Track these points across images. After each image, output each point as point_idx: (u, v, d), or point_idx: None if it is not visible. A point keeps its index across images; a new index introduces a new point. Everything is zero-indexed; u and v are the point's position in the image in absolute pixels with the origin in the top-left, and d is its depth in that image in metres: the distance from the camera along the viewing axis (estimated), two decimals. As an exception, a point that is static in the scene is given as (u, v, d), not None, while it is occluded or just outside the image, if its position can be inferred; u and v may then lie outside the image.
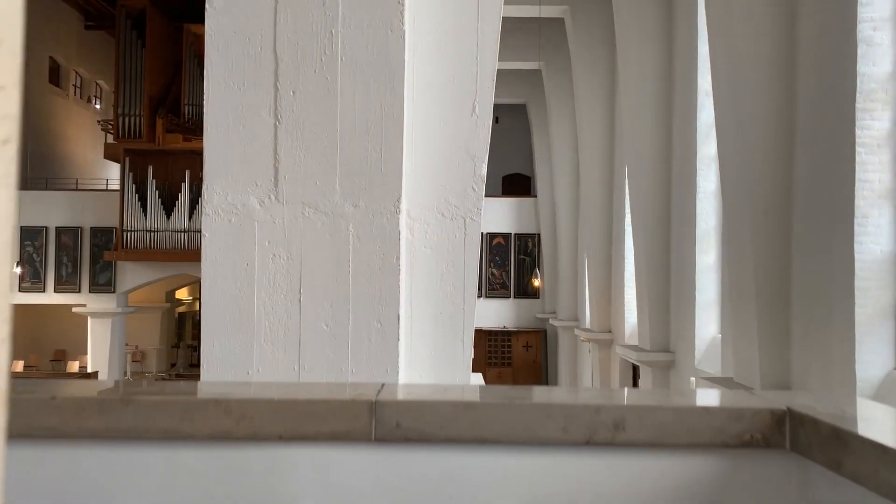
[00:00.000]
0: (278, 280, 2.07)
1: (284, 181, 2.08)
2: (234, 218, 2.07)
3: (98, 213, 18.41)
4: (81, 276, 18.36)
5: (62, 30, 23.54)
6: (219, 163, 2.08)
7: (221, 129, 2.09)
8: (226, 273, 2.08)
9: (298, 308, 2.08)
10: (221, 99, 2.10)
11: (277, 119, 2.09)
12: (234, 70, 2.09)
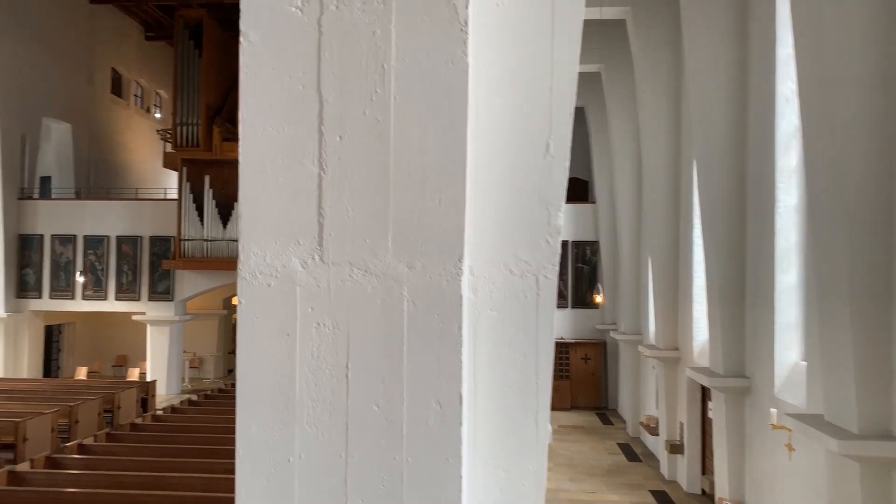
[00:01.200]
0: (322, 353, 1.77)
1: (330, 239, 1.77)
2: (274, 282, 1.78)
3: (157, 222, 18.75)
4: (141, 285, 18.72)
5: (124, 41, 24.15)
6: (256, 219, 1.78)
7: (258, 181, 1.79)
8: (264, 345, 1.79)
9: (345, 385, 1.78)
10: (258, 145, 1.80)
11: (322, 168, 1.78)
12: (273, 112, 1.79)
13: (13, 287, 18.51)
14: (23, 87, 18.75)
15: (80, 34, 21.20)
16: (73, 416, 12.41)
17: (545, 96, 1.81)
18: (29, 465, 8.35)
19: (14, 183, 18.58)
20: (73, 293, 18.77)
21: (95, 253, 18.74)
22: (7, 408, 12.56)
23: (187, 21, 20.56)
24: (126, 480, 7.78)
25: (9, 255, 18.35)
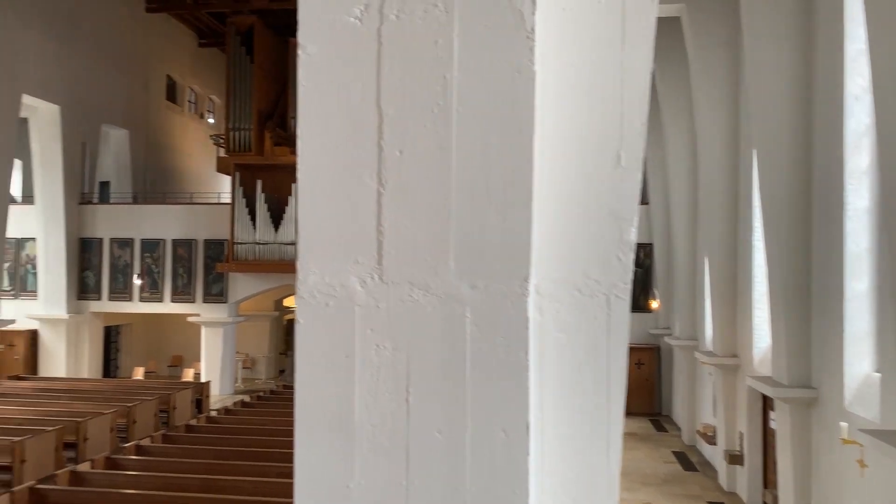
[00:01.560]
0: (382, 375, 1.69)
1: (389, 257, 1.68)
2: (332, 301, 1.71)
3: (211, 225, 19.13)
4: (196, 287, 19.12)
5: (178, 49, 24.74)
6: (314, 237, 1.71)
7: (317, 198, 1.71)
8: (322, 366, 1.72)
9: (406, 410, 1.69)
10: (316, 161, 1.73)
11: (381, 184, 1.70)
12: (331, 127, 1.72)
13: (74, 289, 19.13)
14: (83, 96, 19.37)
15: (136, 43, 21.79)
16: (130, 417, 12.72)
17: (615, 105, 1.71)
18: (90, 465, 8.56)
19: (75, 188, 19.21)
20: (130, 295, 19.30)
21: (152, 256, 19.23)
22: (70, 407, 12.95)
23: (238, 27, 20.95)
24: (181, 483, 7.91)
25: (70, 259, 18.98)
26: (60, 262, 18.78)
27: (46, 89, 17.84)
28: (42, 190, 18.57)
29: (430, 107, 1.64)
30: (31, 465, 10.01)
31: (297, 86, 1.70)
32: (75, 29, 19.04)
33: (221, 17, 23.07)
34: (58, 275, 18.75)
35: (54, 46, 18.20)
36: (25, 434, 10.44)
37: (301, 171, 1.71)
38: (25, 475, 9.89)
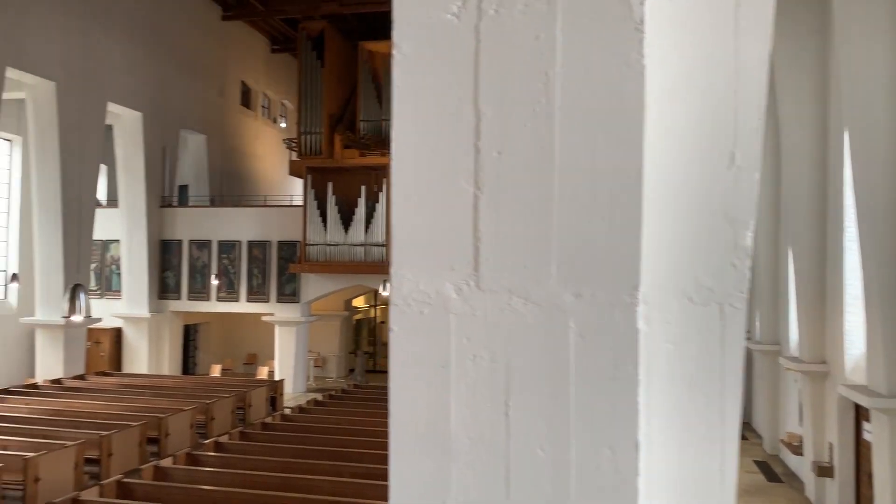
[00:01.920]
0: (480, 387, 1.60)
1: (486, 264, 1.59)
2: (427, 309, 1.63)
3: (284, 227, 19.55)
4: (269, 287, 19.58)
5: (252, 55, 25.41)
6: (408, 242, 1.64)
7: (411, 202, 1.63)
8: (417, 376, 1.64)
9: (505, 424, 1.60)
10: (411, 165, 1.65)
11: (478, 187, 1.61)
12: (427, 129, 1.64)
13: (156, 289, 19.89)
14: (163, 103, 20.12)
15: (212, 50, 22.50)
16: (209, 414, 13.10)
17: (729, 100, 1.58)
18: (172, 460, 8.84)
19: (157, 192, 19.97)
20: (208, 295, 19.93)
21: (228, 257, 19.80)
22: (153, 403, 13.44)
23: (309, 32, 21.35)
24: (259, 480, 8.06)
25: (152, 260, 19.75)
26: (142, 263, 19.57)
27: (129, 97, 18.61)
28: (125, 193, 19.38)
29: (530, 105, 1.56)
30: (117, 459, 10.42)
31: (392, 87, 1.65)
32: (156, 38, 19.79)
33: (293, 22, 23.57)
34: (140, 275, 19.54)
35: (137, 56, 18.97)
36: (112, 429, 10.88)
37: (395, 174, 1.65)
38: (112, 468, 10.31)
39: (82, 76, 17.03)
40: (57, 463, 9.23)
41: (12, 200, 20.33)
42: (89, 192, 17.73)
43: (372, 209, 17.83)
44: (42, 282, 16.79)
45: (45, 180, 16.51)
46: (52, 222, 16.58)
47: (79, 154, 17.01)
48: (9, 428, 10.96)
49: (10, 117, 17.79)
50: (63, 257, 16.69)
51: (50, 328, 16.69)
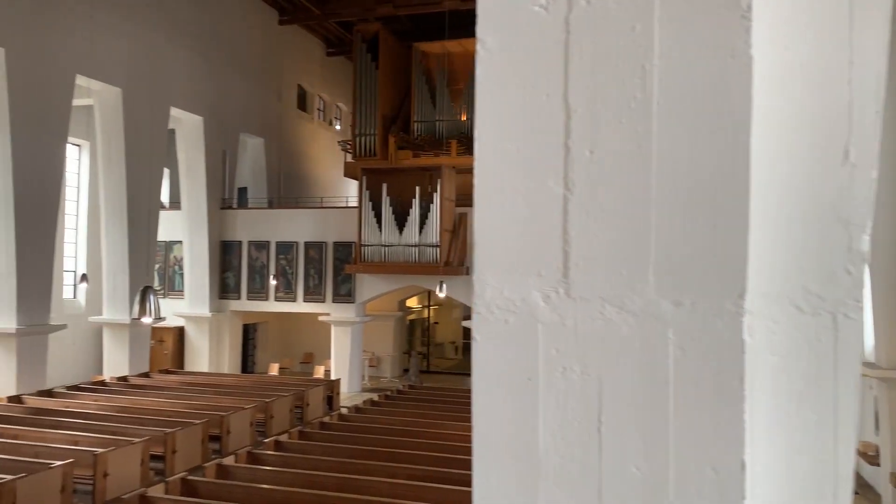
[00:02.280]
0: (570, 402, 1.49)
1: (577, 270, 1.49)
2: (512, 318, 1.54)
3: (339, 228, 19.74)
4: (325, 287, 19.80)
5: (307, 59, 25.77)
6: (492, 247, 1.54)
7: (495, 204, 1.54)
8: (502, 389, 1.54)
9: (598, 441, 1.48)
10: (495, 165, 1.55)
11: (568, 188, 1.50)
12: (513, 127, 1.54)
13: (216, 289, 20.34)
14: (223, 107, 20.57)
15: (270, 54, 22.89)
16: (268, 412, 13.30)
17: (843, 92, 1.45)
18: (234, 459, 8.98)
19: (217, 194, 20.42)
20: (266, 295, 20.28)
21: (286, 258, 20.11)
22: (214, 401, 13.73)
23: (364, 35, 21.53)
24: (319, 480, 8.11)
25: (213, 260, 20.21)
26: (204, 263, 20.04)
27: (191, 102, 19.08)
28: (188, 196, 19.89)
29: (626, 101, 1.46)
30: (180, 455, 10.67)
31: (475, 84, 1.56)
32: (216, 44, 20.25)
33: (348, 25, 23.80)
34: (202, 275, 20.02)
35: (198, 61, 19.44)
36: (175, 426, 11.14)
37: (478, 174, 1.57)
38: (176, 465, 10.55)
39: (146, 82, 17.54)
40: (124, 459, 9.49)
41: (81, 203, 21.11)
42: (153, 194, 18.26)
43: (426, 210, 17.85)
44: (109, 282, 17.36)
45: (112, 184, 17.07)
46: (119, 224, 17.12)
47: (143, 158, 17.53)
48: (79, 424, 11.34)
49: (79, 123, 18.46)
50: (129, 258, 17.22)
51: (117, 327, 17.25)
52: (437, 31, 23.26)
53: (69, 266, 20.58)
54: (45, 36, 14.70)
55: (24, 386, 14.23)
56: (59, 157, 15.37)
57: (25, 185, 14.33)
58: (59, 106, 15.12)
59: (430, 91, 21.42)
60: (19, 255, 14.23)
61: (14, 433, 10.66)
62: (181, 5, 18.65)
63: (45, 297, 15.01)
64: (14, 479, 7.86)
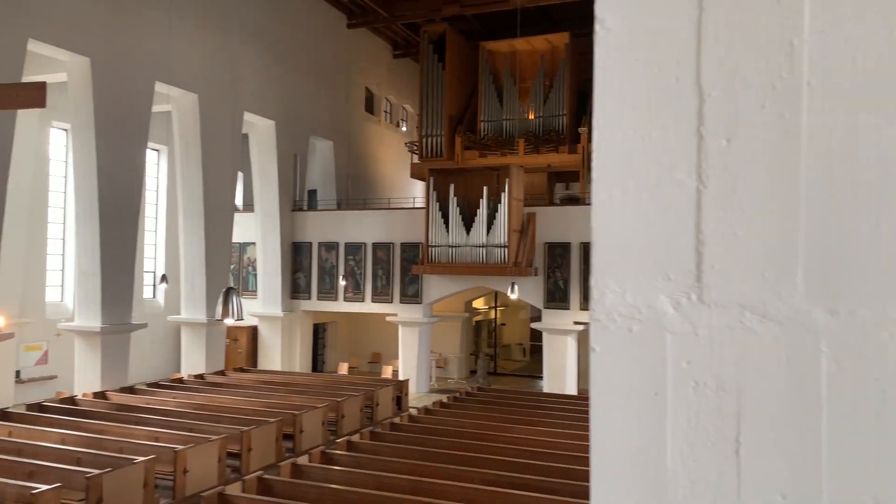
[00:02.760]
0: (703, 420, 1.32)
1: (712, 272, 1.31)
2: (637, 326, 1.37)
3: (406, 229, 19.81)
4: (393, 288, 19.90)
5: (375, 61, 26.00)
6: (613, 247, 1.37)
7: (616, 199, 1.37)
8: (623, 404, 1.37)
9: (736, 465, 1.31)
10: (617, 156, 1.38)
11: (701, 180, 1.33)
12: (636, 114, 1.37)
13: (288, 289, 20.73)
14: (294, 111, 20.94)
15: (339, 58, 23.20)
16: (339, 411, 13.42)
17: None
18: (308, 458, 9.06)
19: (289, 196, 20.82)
20: (335, 295, 20.54)
21: (354, 258, 20.32)
22: (286, 400, 13.95)
23: (431, 36, 21.55)
24: (389, 482, 8.07)
25: (285, 261, 20.61)
26: (276, 264, 20.45)
27: (264, 106, 19.50)
28: (260, 198, 20.34)
29: (769, 82, 1.29)
30: (255, 453, 10.85)
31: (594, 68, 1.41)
32: (287, 49, 20.64)
33: (414, 27, 23.90)
34: (274, 276, 20.44)
35: (270, 67, 19.86)
36: (250, 424, 11.35)
37: (597, 167, 1.42)
38: (251, 462, 10.74)
39: (222, 88, 18.02)
40: (203, 456, 9.71)
41: (160, 206, 21.89)
42: (228, 197, 18.75)
43: (494, 210, 17.70)
44: (187, 282, 17.91)
45: (190, 187, 17.61)
46: (196, 226, 17.64)
47: (219, 162, 18.02)
48: (159, 420, 11.70)
49: (157, 129, 19.12)
50: (205, 259, 17.73)
51: (194, 326, 17.77)
52: (504, 29, 23.08)
53: (149, 267, 21.36)
54: (126, 45, 15.26)
55: (107, 382, 14.81)
56: (140, 161, 15.94)
57: (109, 189, 14.91)
58: (139, 112, 15.68)
59: (496, 90, 21.27)
60: (103, 256, 14.82)
61: (99, 428, 11.07)
62: (254, 12, 19.08)
63: (128, 296, 15.58)
64: (101, 474, 8.13)
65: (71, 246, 18.22)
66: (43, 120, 17.53)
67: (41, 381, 17.52)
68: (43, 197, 18.10)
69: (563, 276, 17.95)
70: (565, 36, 20.43)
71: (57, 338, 17.35)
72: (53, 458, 9.24)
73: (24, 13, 13.03)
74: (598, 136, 1.41)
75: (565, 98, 20.13)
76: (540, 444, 10.16)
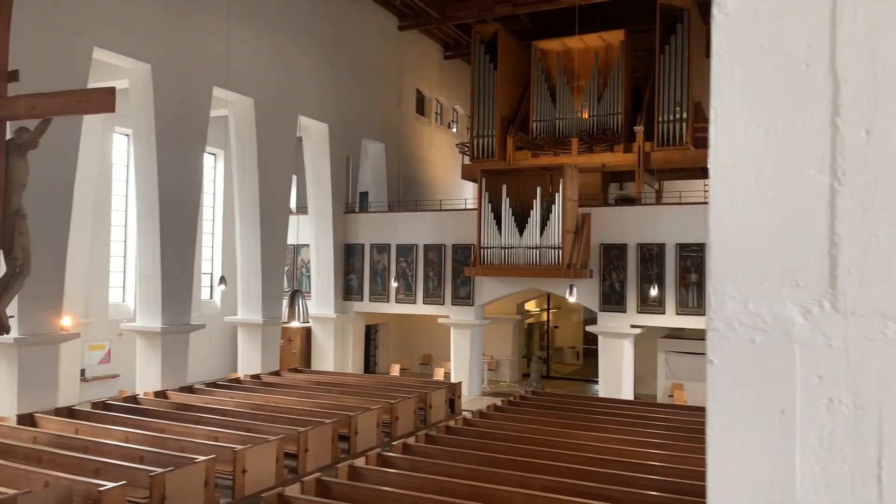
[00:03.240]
0: (838, 441, 1.18)
1: (849, 278, 1.18)
2: (760, 337, 1.24)
3: (458, 231, 19.77)
4: (444, 290, 19.88)
5: (425, 63, 26.04)
6: (733, 250, 1.25)
7: (738, 198, 1.24)
8: (745, 422, 1.25)
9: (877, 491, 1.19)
10: (737, 151, 1.25)
11: (836, 177, 1.19)
12: (760, 105, 1.23)
13: (341, 290, 20.91)
14: (347, 113, 21.13)
15: (390, 60, 23.31)
16: (393, 413, 13.43)
17: None
18: (364, 461, 9.06)
19: (341, 199, 21.01)
20: (387, 296, 20.62)
21: (406, 260, 20.36)
22: (341, 401, 14.03)
23: (482, 36, 21.46)
24: (447, 487, 7.99)
25: (337, 263, 20.80)
26: (329, 266, 20.66)
27: (317, 110, 19.72)
28: (314, 201, 20.57)
29: (918, 65, 1.16)
30: (312, 454, 10.93)
31: (711, 56, 1.30)
32: (340, 53, 20.84)
33: (465, 28, 23.85)
34: (327, 277, 20.64)
35: (324, 70, 20.08)
36: (305, 424, 11.44)
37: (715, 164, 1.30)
38: (308, 463, 10.81)
39: (277, 92, 18.29)
40: (261, 456, 9.82)
41: (216, 209, 22.35)
42: (283, 200, 19.01)
43: (547, 211, 17.48)
44: (243, 283, 18.22)
45: (246, 190, 17.91)
46: (252, 229, 17.94)
47: (274, 165, 18.29)
48: (218, 420, 11.89)
49: (214, 133, 19.51)
50: (261, 261, 18.01)
51: (250, 326, 18.07)
52: (556, 28, 22.82)
53: (206, 269, 21.82)
54: (186, 52, 15.62)
55: (167, 381, 15.16)
56: (198, 165, 16.28)
57: (169, 193, 15.27)
58: (198, 117, 16.02)
59: (549, 90, 21.05)
60: (163, 258, 15.18)
61: (161, 427, 11.32)
62: (307, 16, 19.31)
63: (187, 298, 15.93)
64: (164, 473, 8.28)
65: (132, 248, 18.75)
66: (106, 125, 18.08)
67: (104, 380, 18.07)
68: (106, 201, 18.67)
69: (620, 279, 17.62)
70: (620, 33, 20.08)
71: (119, 337, 17.86)
72: (118, 455, 9.47)
73: (90, 23, 13.45)
74: (716, 131, 1.30)
75: (620, 96, 19.78)
76: (601, 450, 9.94)
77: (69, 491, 7.69)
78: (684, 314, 16.62)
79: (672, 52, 18.80)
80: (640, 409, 14.03)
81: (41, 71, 11.40)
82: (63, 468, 8.84)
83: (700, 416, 12.89)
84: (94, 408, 13.02)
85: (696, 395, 16.94)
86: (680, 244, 16.95)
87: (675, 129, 18.69)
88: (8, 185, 4.56)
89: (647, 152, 19.24)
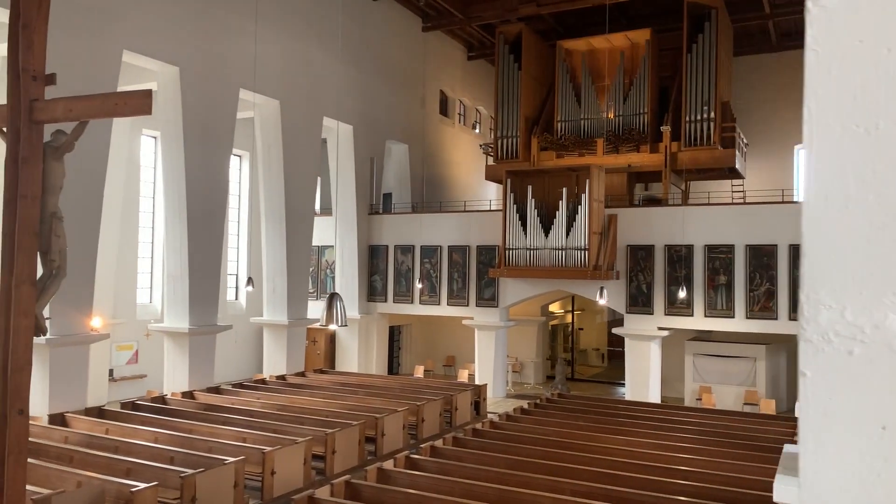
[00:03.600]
0: None
1: None
2: (859, 348, 1.16)
3: (482, 232, 19.69)
4: (469, 291, 19.80)
5: (449, 64, 25.99)
6: (828, 257, 1.17)
7: (835, 203, 1.17)
8: (842, 439, 1.17)
9: None
10: (833, 150, 1.19)
11: None
12: (859, 103, 1.16)
13: (365, 291, 20.93)
14: (371, 115, 21.15)
15: (414, 62, 23.29)
16: (419, 415, 13.39)
17: None
18: (393, 463, 9.02)
19: (365, 200, 21.02)
20: (411, 298, 20.59)
21: (430, 261, 20.32)
22: (366, 402, 14.01)
23: (507, 36, 21.36)
24: (476, 490, 7.93)
25: (361, 264, 20.81)
26: (353, 267, 20.68)
27: (342, 111, 19.75)
28: (339, 202, 20.60)
29: None
30: (339, 456, 10.92)
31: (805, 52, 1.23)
32: (364, 54, 20.86)
33: (489, 28, 23.77)
34: (352, 278, 20.67)
35: (348, 72, 20.11)
36: (332, 426, 11.44)
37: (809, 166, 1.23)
38: (335, 465, 10.81)
39: (302, 94, 18.35)
40: (289, 457, 9.83)
41: (242, 210, 22.49)
42: (308, 201, 19.07)
43: (573, 212, 17.35)
44: (269, 284, 18.29)
45: (271, 191, 17.99)
46: (278, 230, 18.01)
47: (299, 166, 18.35)
48: (245, 421, 11.93)
49: (239, 135, 19.63)
50: (286, 262, 18.07)
51: (275, 327, 18.14)
52: (581, 27, 22.66)
53: (231, 270, 21.96)
54: (213, 54, 15.72)
55: (194, 382, 15.26)
56: (225, 167, 16.38)
57: (196, 194, 15.37)
58: (225, 119, 16.12)
59: (574, 89, 20.89)
60: (191, 259, 15.29)
61: (189, 427, 11.38)
62: (332, 18, 19.35)
63: (214, 299, 16.02)
64: (195, 474, 8.32)
65: (159, 249, 18.91)
66: (134, 128, 18.27)
67: (132, 380, 18.25)
68: (134, 202, 18.86)
69: (647, 280, 17.44)
70: (646, 32, 19.87)
71: (146, 338, 18.02)
72: (148, 456, 9.53)
73: (120, 26, 13.58)
74: (810, 131, 1.22)
75: (646, 96, 19.58)
76: (631, 454, 9.82)
77: (102, 491, 7.74)
78: (713, 316, 16.38)
79: (699, 50, 18.57)
80: (669, 412, 13.84)
81: (72, 74, 11.52)
82: (95, 468, 8.91)
83: (730, 421, 12.68)
84: (123, 408, 13.14)
85: (724, 398, 16.70)
86: (708, 245, 16.72)
87: (702, 129, 18.44)
88: (45, 188, 4.58)
89: (674, 152, 19.02)
